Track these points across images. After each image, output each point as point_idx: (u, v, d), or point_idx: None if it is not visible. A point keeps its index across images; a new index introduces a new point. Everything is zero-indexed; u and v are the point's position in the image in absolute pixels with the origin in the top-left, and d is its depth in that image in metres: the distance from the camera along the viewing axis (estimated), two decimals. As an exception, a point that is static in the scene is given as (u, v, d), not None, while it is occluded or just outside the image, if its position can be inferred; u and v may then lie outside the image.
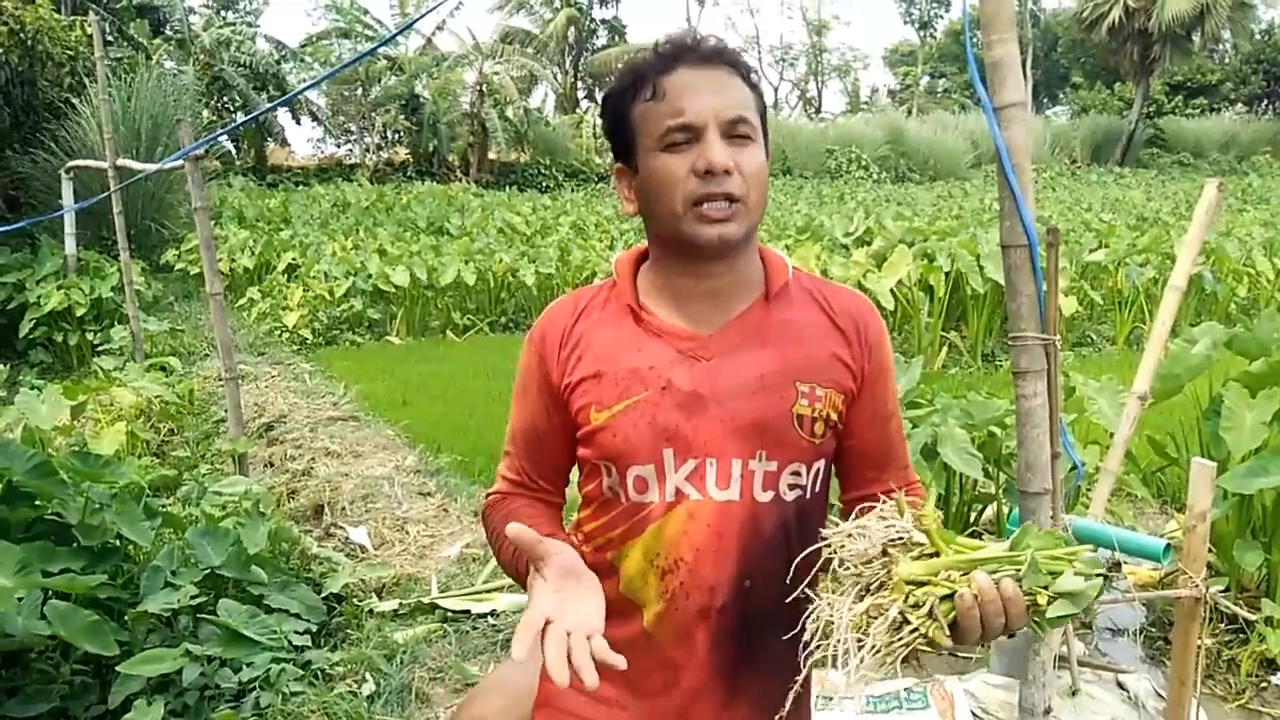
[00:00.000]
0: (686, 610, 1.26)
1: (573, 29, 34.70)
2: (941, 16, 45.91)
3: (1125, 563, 3.59)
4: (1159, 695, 2.79)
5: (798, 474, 1.27)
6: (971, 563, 1.07)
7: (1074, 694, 2.74)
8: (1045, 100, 45.67)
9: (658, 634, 1.27)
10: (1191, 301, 8.60)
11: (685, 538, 1.24)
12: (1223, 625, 3.20)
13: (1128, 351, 8.12)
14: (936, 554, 1.08)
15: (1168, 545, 1.72)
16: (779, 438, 1.24)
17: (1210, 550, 3.28)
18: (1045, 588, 1.06)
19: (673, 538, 1.25)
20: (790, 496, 1.27)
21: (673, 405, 1.24)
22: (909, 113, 37.58)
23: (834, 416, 1.28)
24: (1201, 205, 1.75)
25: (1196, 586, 1.85)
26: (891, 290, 7.63)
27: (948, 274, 7.80)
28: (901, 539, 1.08)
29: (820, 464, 1.30)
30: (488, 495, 1.43)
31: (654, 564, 1.26)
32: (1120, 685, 2.90)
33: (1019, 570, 1.06)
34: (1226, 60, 39.09)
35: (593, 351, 1.29)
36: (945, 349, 7.90)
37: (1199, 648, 1.97)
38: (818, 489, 1.31)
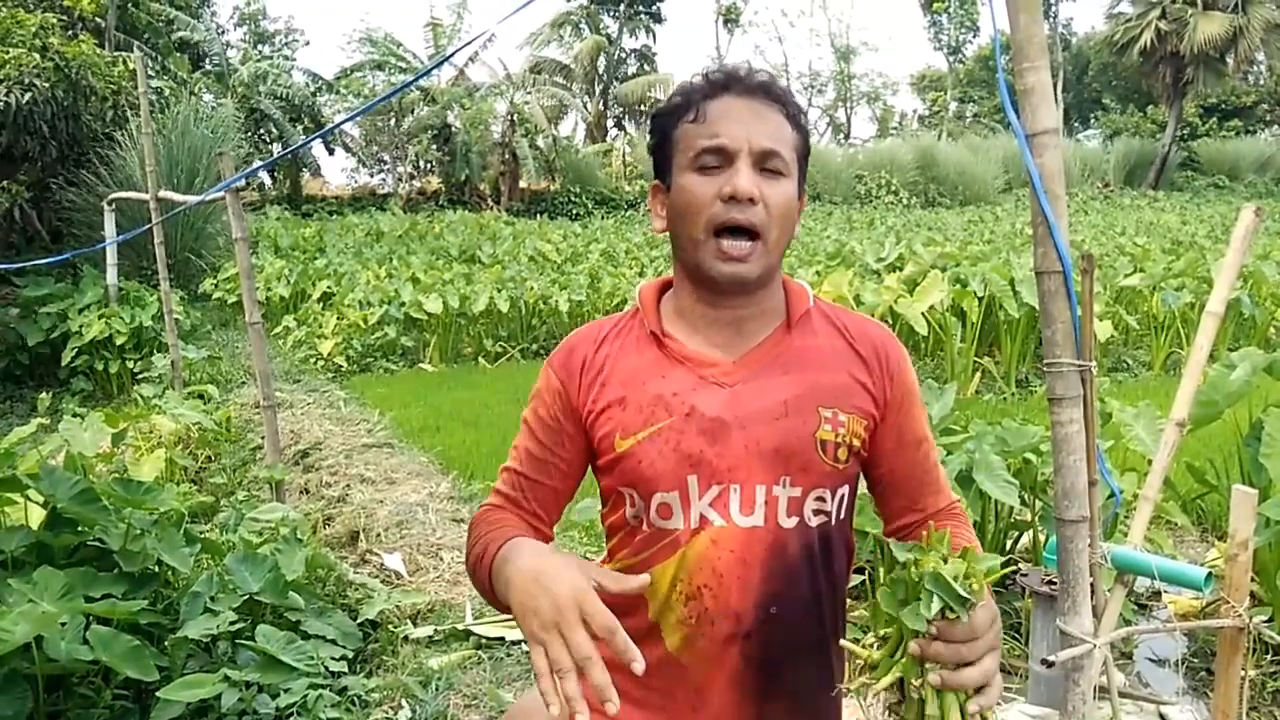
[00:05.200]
0: (713, 636, 1.26)
1: (602, 57, 35.00)
2: (970, 42, 45.89)
3: (1165, 592, 3.54)
4: (1202, 727, 2.74)
5: (822, 499, 1.28)
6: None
7: (1115, 725, 2.70)
8: (1077, 124, 45.38)
9: (684, 658, 1.28)
10: (1230, 326, 8.48)
11: (709, 564, 1.25)
12: (1267, 657, 3.14)
13: (1164, 377, 8.01)
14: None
15: (1209, 574, 1.70)
16: (803, 463, 1.25)
17: (1253, 579, 3.23)
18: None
19: (696, 564, 1.25)
20: (815, 522, 1.28)
21: (697, 431, 1.25)
22: (939, 137, 37.49)
23: (857, 443, 1.29)
24: (1238, 231, 1.74)
25: (1239, 616, 1.82)
26: (924, 315, 7.59)
27: (980, 299, 7.75)
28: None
29: (844, 490, 1.31)
30: (481, 507, 1.43)
31: (678, 590, 1.27)
32: (1162, 717, 2.85)
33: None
34: (1261, 82, 38.65)
35: (617, 378, 1.30)
36: (979, 375, 7.84)
37: (1242, 679, 1.94)
38: (842, 515, 1.32)
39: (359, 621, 3.43)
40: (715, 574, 1.25)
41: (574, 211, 26.65)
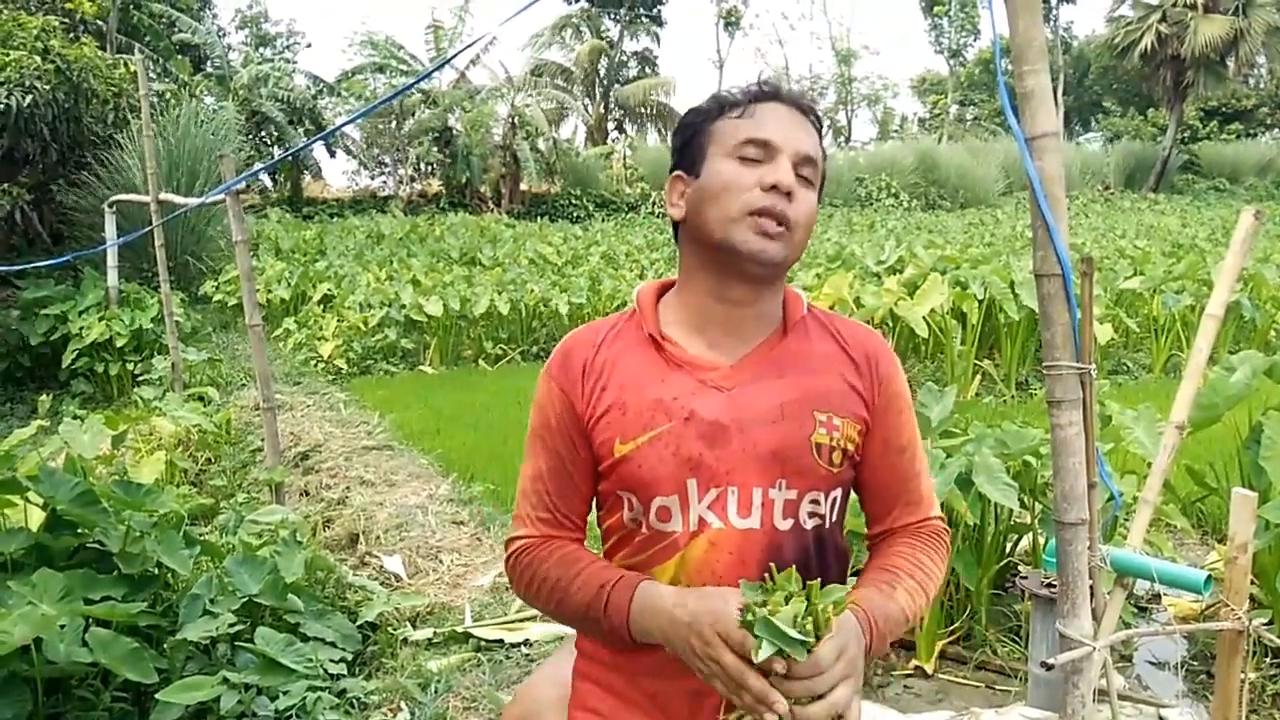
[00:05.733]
0: None
1: (604, 60, 35.02)
2: (971, 45, 45.91)
3: (1165, 595, 3.54)
4: (1202, 730, 2.74)
5: (816, 502, 1.29)
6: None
7: (1115, 728, 2.70)
8: (1078, 127, 45.40)
9: (683, 660, 1.28)
10: (1230, 329, 8.48)
11: (707, 566, 1.26)
12: (1267, 660, 3.14)
13: (1164, 380, 8.01)
14: None
15: (1208, 577, 1.70)
16: (798, 466, 1.27)
17: (1253, 582, 3.22)
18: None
19: (695, 566, 1.26)
20: (809, 525, 1.29)
21: (696, 435, 1.26)
22: (939, 140, 37.51)
23: (851, 447, 1.31)
24: (1238, 234, 1.74)
25: (1239, 619, 1.82)
26: (924, 318, 7.59)
27: (981, 301, 7.76)
28: None
29: (837, 493, 1.32)
30: (514, 541, 1.39)
31: None
32: (1162, 720, 2.85)
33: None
34: (1261, 85, 38.68)
35: (616, 382, 1.31)
36: (979, 377, 7.84)
37: (1242, 682, 1.93)
38: (835, 518, 1.33)
39: (358, 624, 3.43)
40: (715, 576, 1.25)
41: (574, 214, 26.65)
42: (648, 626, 1.22)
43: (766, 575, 1.13)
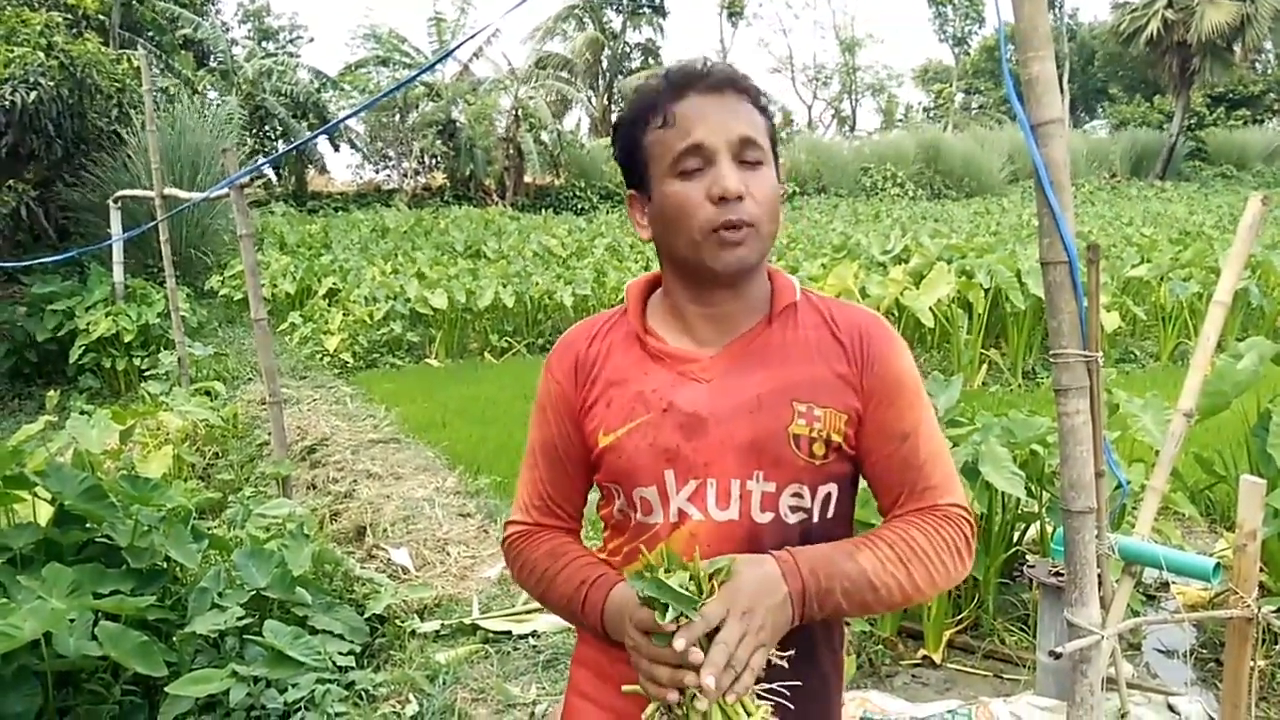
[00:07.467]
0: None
1: (606, 51, 34.94)
2: (976, 33, 45.72)
3: (1174, 583, 3.53)
4: (1211, 719, 2.73)
5: (799, 495, 1.25)
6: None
7: (1123, 717, 2.69)
8: (1083, 114, 45.22)
9: None
10: (1237, 316, 8.45)
11: (688, 558, 1.25)
12: (1277, 647, 3.13)
13: (1172, 367, 7.99)
14: None
15: (1217, 564, 1.69)
16: (775, 458, 1.23)
17: (1262, 569, 3.22)
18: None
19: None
20: (793, 519, 1.25)
21: (673, 426, 1.25)
22: (944, 129, 37.38)
23: (836, 438, 1.25)
24: (1245, 221, 1.73)
25: (1248, 607, 1.82)
26: (930, 308, 7.58)
27: (987, 290, 7.74)
28: None
29: (829, 488, 1.27)
30: (510, 525, 1.42)
31: None
32: (1171, 708, 2.84)
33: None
34: (1269, 71, 38.45)
35: (605, 375, 1.32)
36: (985, 366, 7.82)
37: (1252, 670, 1.93)
38: (829, 514, 1.28)
39: (366, 616, 3.44)
40: None
41: (579, 206, 26.63)
42: (620, 626, 1.22)
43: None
